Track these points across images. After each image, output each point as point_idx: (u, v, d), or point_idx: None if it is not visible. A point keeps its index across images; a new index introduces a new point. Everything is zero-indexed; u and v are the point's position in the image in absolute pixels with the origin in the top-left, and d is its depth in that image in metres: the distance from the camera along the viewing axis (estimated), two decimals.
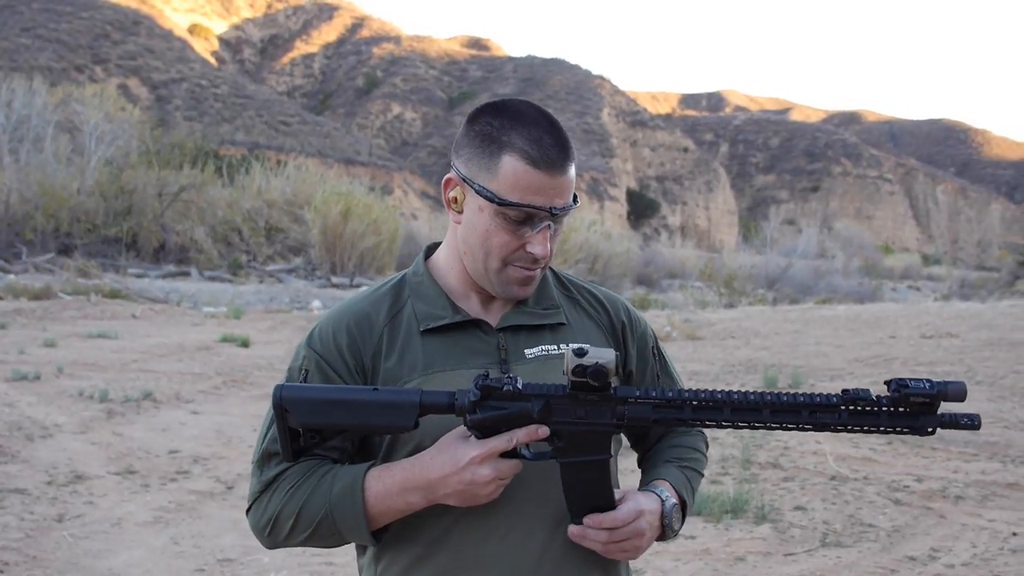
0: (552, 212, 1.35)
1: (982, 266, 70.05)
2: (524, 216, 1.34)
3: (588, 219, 36.21)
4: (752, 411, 1.27)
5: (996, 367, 10.29)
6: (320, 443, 1.36)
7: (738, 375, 10.51)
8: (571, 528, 1.33)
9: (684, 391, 1.29)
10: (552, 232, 1.38)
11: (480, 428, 1.27)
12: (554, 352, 1.44)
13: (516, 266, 1.39)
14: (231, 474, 6.00)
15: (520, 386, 1.27)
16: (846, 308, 20.09)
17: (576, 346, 1.24)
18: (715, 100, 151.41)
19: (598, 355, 1.23)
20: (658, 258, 43.31)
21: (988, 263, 73.81)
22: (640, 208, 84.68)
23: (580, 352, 1.23)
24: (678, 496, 1.43)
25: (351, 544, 1.43)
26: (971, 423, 1.24)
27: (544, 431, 1.28)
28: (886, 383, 1.25)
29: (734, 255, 36.92)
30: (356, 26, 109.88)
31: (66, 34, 72.26)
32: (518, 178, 1.33)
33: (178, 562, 4.45)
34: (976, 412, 1.26)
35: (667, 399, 1.29)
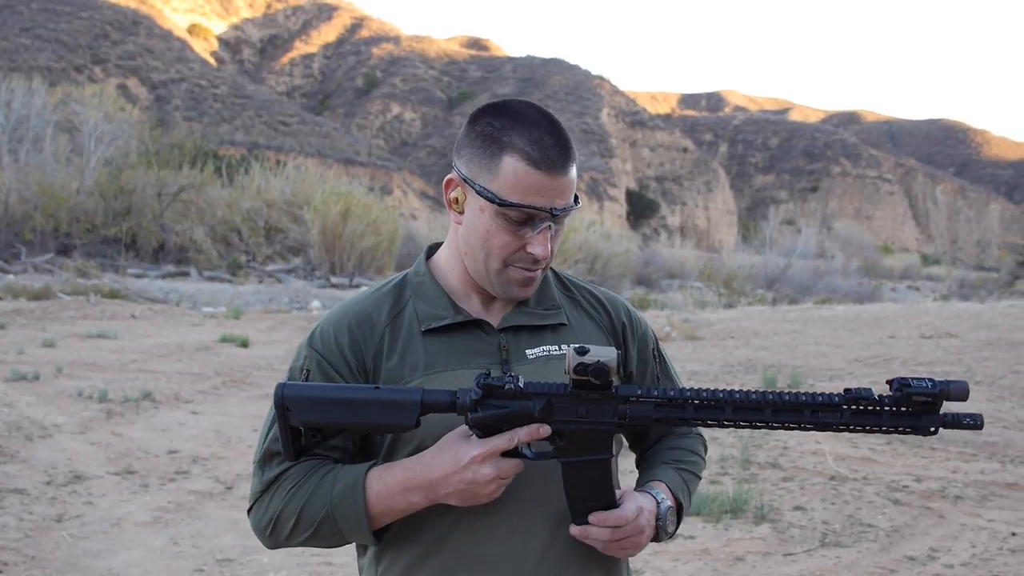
0: (553, 213, 1.34)
1: (981, 266, 70.10)
2: (525, 217, 1.34)
3: (587, 219, 36.20)
4: (754, 410, 1.27)
5: (995, 367, 10.29)
6: (321, 442, 1.35)
7: (737, 375, 10.52)
8: (573, 527, 1.33)
9: (686, 390, 1.29)
10: (553, 233, 1.38)
11: (481, 427, 1.27)
12: (555, 352, 1.44)
13: (517, 267, 1.39)
14: (230, 474, 6.00)
15: (521, 385, 1.27)
16: (845, 308, 20.09)
17: (577, 345, 1.24)
18: (714, 100, 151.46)
19: (600, 353, 1.23)
20: (657, 258, 43.27)
21: (987, 263, 73.88)
22: (639, 208, 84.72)
23: (582, 350, 1.22)
24: (674, 498, 1.43)
25: (351, 544, 1.43)
26: (974, 423, 1.23)
27: (546, 430, 1.28)
28: (888, 383, 1.25)
29: (733, 255, 36.92)
30: (355, 26, 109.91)
31: (65, 34, 72.27)
32: (519, 179, 1.32)
33: (177, 562, 4.44)
34: (978, 412, 1.26)
35: (669, 398, 1.29)
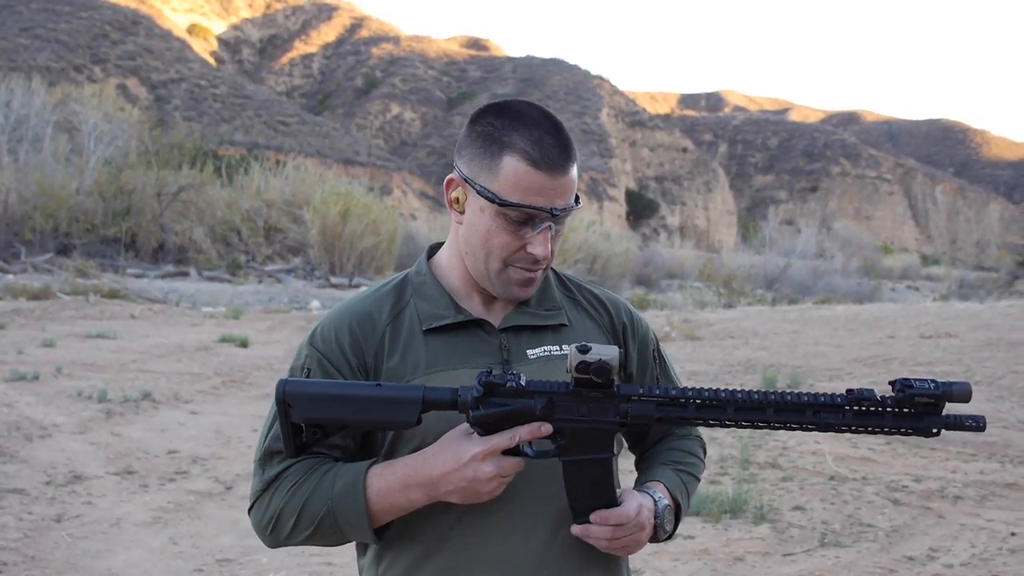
0: (553, 213, 1.34)
1: (981, 266, 70.12)
2: (525, 217, 1.34)
3: (587, 219, 36.23)
4: (756, 410, 1.27)
5: (995, 367, 10.29)
6: (322, 439, 1.35)
7: (737, 375, 10.51)
8: (574, 527, 1.33)
9: (688, 389, 1.29)
10: (553, 233, 1.37)
11: (483, 425, 1.27)
12: (556, 353, 1.44)
13: (517, 267, 1.38)
14: (230, 474, 6.00)
15: (523, 383, 1.27)
16: (845, 308, 20.09)
17: (579, 343, 1.23)
18: (714, 100, 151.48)
19: (601, 352, 1.23)
20: (657, 258, 43.26)
21: (987, 263, 73.89)
22: (639, 208, 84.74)
23: (584, 349, 1.23)
24: (672, 499, 1.43)
25: (351, 544, 1.43)
26: (976, 425, 1.23)
27: (547, 429, 1.28)
28: (890, 383, 1.24)
29: (733, 255, 36.93)
30: (355, 26, 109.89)
31: (65, 34, 72.25)
32: (519, 179, 1.32)
33: (177, 562, 4.44)
34: (981, 414, 1.25)
35: (671, 397, 1.28)
